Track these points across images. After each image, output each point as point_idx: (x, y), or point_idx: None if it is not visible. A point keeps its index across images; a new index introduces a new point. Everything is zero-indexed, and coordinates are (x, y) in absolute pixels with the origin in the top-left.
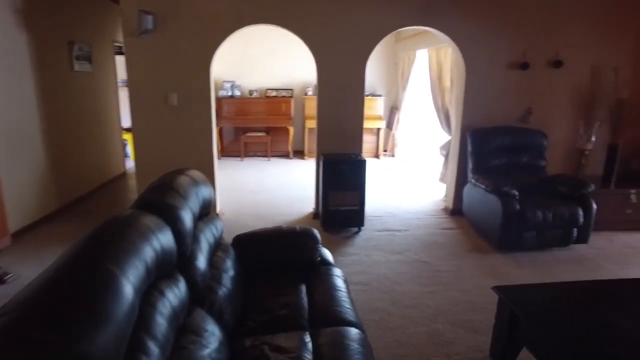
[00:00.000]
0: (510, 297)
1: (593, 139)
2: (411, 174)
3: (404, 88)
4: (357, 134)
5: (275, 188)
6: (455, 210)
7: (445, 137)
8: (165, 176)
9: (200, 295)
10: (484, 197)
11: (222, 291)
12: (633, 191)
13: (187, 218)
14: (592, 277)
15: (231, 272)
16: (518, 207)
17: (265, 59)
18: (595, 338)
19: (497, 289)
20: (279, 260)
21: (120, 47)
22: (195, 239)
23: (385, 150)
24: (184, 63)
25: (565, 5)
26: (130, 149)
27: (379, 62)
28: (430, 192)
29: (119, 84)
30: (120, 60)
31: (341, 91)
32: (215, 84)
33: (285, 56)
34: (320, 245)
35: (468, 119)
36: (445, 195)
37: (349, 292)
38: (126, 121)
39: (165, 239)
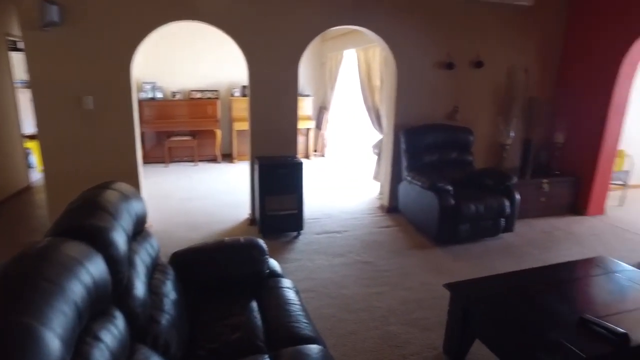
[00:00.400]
0: (461, 293)
1: (512, 134)
2: (343, 174)
3: (332, 88)
4: (292, 135)
5: (206, 194)
6: (392, 207)
7: (377, 136)
8: (88, 193)
9: (142, 329)
10: (420, 194)
11: (166, 319)
12: (545, 181)
13: (120, 241)
14: (521, 263)
15: (173, 296)
16: (453, 202)
17: (188, 59)
18: (538, 323)
19: (448, 286)
20: (225, 277)
21: (16, 42)
22: (130, 262)
23: (315, 151)
24: (100, 62)
25: (483, 12)
26: (35, 159)
27: (306, 62)
28: (364, 191)
29: (17, 85)
30: (17, 58)
31: (274, 92)
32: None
33: (210, 56)
34: (268, 256)
35: (400, 117)
36: (380, 193)
37: (302, 303)
38: (29, 127)
39: (96, 269)
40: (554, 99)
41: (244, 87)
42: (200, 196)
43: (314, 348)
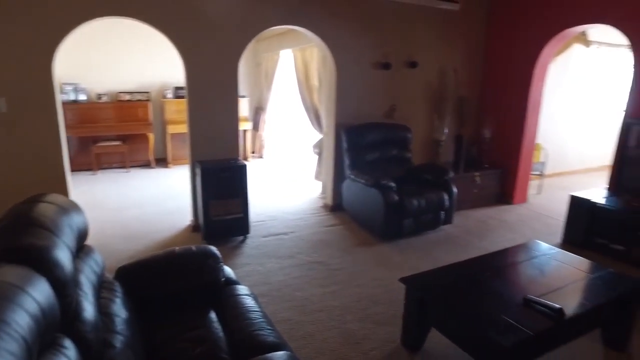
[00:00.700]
0: (416, 285)
1: (446, 130)
2: (284, 175)
3: (268, 88)
4: (233, 137)
5: (141, 202)
6: (335, 206)
7: (317, 136)
8: (18, 208)
9: (96, 355)
10: (364, 192)
11: (120, 341)
12: (477, 174)
13: (65, 259)
14: (463, 252)
15: (124, 314)
16: (397, 198)
17: (115, 58)
18: (488, 306)
19: (403, 280)
20: (179, 289)
21: None
22: (76, 283)
23: (253, 152)
24: (15, 60)
25: (415, 16)
26: None
27: (240, 62)
28: (306, 191)
29: None
30: None
31: (214, 93)
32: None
33: (139, 56)
34: (222, 264)
35: (340, 116)
36: (322, 193)
37: (262, 309)
38: None
39: (42, 294)
40: (480, 97)
41: (177, 88)
42: (136, 204)
43: (281, 355)
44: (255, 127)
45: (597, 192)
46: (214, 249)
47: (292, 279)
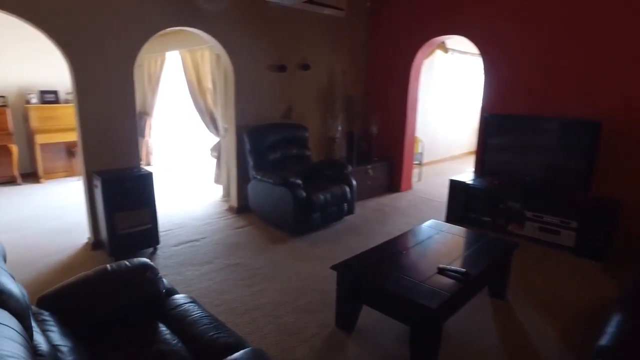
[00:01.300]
0: (347, 269)
1: (339, 128)
2: (179, 181)
3: (153, 92)
4: (132, 144)
5: (15, 225)
6: (241, 207)
7: (214, 139)
8: None
9: None
10: (272, 191)
11: None
12: (369, 167)
13: (14, 288)
14: (369, 238)
15: (69, 344)
16: (304, 194)
17: None
18: (409, 279)
19: (334, 267)
20: (120, 307)
21: None
22: None
23: (140, 160)
24: None
25: (306, 20)
26: None
27: None
28: (206, 196)
29: None
30: None
31: (107, 97)
32: None
33: None
34: (160, 275)
35: (241, 118)
36: (224, 196)
37: (210, 313)
38: None
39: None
40: (366, 96)
41: (45, 92)
42: (9, 228)
43: (247, 352)
44: (141, 133)
45: (468, 175)
46: (149, 261)
47: (215, 283)
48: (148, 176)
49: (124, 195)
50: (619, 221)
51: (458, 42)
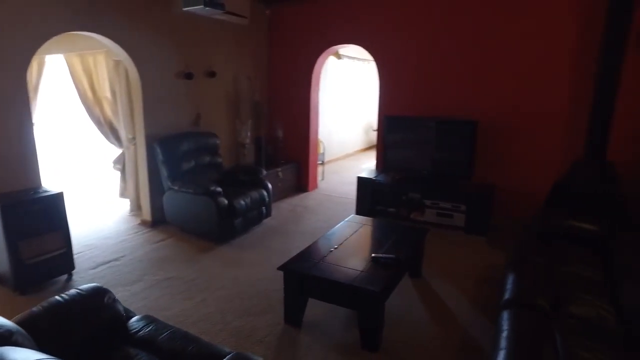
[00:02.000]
0: (293, 269)
1: (248, 133)
2: (77, 198)
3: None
4: (33, 161)
5: None
6: (156, 220)
7: (116, 151)
8: None
9: None
10: (192, 200)
11: None
12: (279, 169)
13: None
14: (289, 238)
15: None
16: (226, 201)
17: None
18: (350, 268)
19: (281, 267)
20: (81, 338)
21: None
22: None
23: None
24: None
25: (211, 27)
26: None
27: None
28: (112, 211)
29: None
30: None
31: None
32: None
33: None
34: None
35: (150, 128)
36: (132, 210)
37: (173, 325)
38: None
39: None
40: (271, 102)
41: None
42: None
43: (232, 357)
44: None
45: (372, 172)
46: (101, 286)
47: (152, 301)
48: (58, 196)
49: (30, 219)
50: (494, 201)
51: (349, 49)
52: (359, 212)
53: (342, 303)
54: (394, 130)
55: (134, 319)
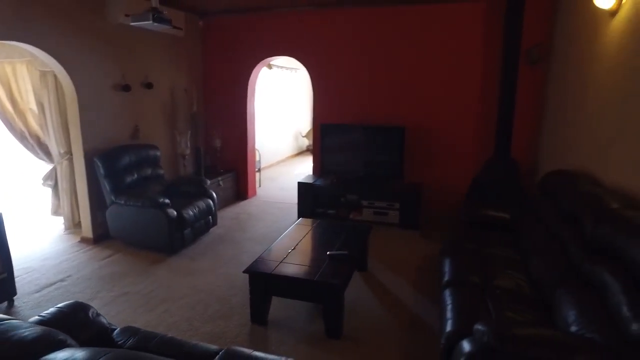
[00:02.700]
0: (258, 271)
1: (188, 144)
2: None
3: None
4: None
5: None
6: (99, 236)
7: (45, 167)
8: None
9: None
10: (140, 214)
11: None
12: (220, 179)
13: None
14: (238, 245)
15: None
16: (175, 212)
17: None
18: (311, 266)
19: (247, 270)
20: None
21: None
22: None
23: None
24: None
25: (148, 38)
26: None
27: None
28: (45, 231)
29: None
30: None
31: None
32: None
33: None
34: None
35: (89, 142)
36: (67, 228)
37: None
38: None
39: None
40: (208, 112)
41: None
42: None
43: (224, 353)
44: None
45: (310, 177)
46: (79, 301)
47: (113, 317)
48: None
49: None
50: (423, 198)
51: (279, 58)
52: (300, 215)
53: (306, 298)
54: (330, 137)
55: (115, 332)
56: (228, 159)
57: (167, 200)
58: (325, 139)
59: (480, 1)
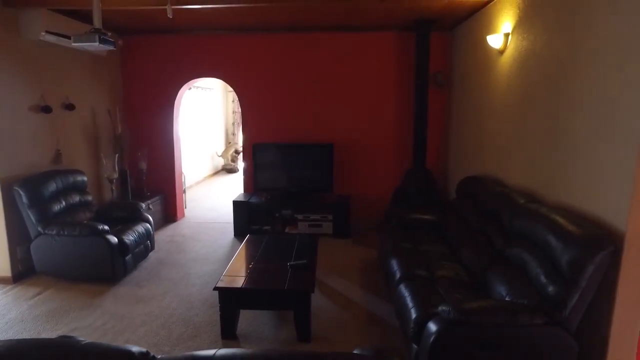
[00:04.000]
0: (228, 287)
1: (116, 168)
2: None
3: None
4: None
5: None
6: (20, 274)
7: None
8: None
9: None
10: (76, 243)
11: None
12: (149, 202)
13: None
14: (183, 267)
15: None
16: (116, 239)
17: None
18: (275, 278)
19: (216, 288)
20: None
21: None
22: None
23: None
24: None
25: (68, 57)
26: None
27: None
28: None
29: None
30: None
31: None
32: None
33: None
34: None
35: (5, 170)
36: None
37: None
38: None
39: None
40: (133, 134)
41: None
42: None
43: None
44: None
45: (244, 195)
46: (67, 334)
47: None
48: None
49: None
50: (352, 208)
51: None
52: (237, 233)
53: (277, 307)
54: (262, 156)
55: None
56: (155, 181)
57: (106, 227)
58: (258, 157)
59: (391, 30)
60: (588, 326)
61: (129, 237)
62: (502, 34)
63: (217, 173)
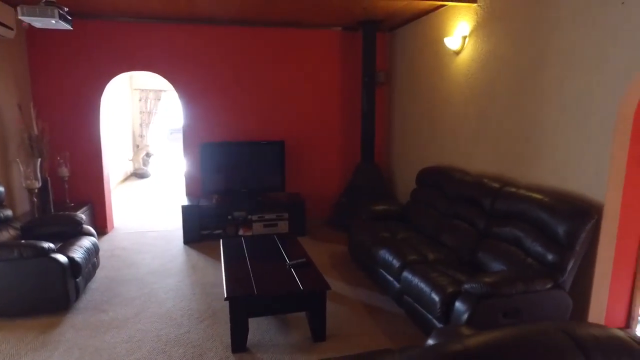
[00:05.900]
0: (238, 298)
1: (39, 176)
2: None
3: None
4: None
5: None
6: None
7: None
8: None
9: None
10: (14, 269)
11: None
12: (77, 213)
13: None
14: (143, 282)
15: None
16: (66, 258)
17: None
18: (278, 280)
19: (229, 299)
20: None
21: None
22: None
23: None
24: None
25: None
26: None
27: None
28: None
29: None
30: None
31: None
32: None
33: None
34: None
35: None
36: None
37: None
38: None
39: None
40: (51, 136)
41: None
42: None
43: None
44: None
45: (191, 199)
46: None
47: None
48: None
49: None
50: (305, 206)
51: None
52: (187, 239)
53: (291, 309)
54: (209, 156)
55: None
56: (79, 190)
57: (51, 245)
58: (205, 158)
59: (336, 29)
60: (574, 282)
61: (78, 255)
62: (459, 36)
63: (127, 179)
